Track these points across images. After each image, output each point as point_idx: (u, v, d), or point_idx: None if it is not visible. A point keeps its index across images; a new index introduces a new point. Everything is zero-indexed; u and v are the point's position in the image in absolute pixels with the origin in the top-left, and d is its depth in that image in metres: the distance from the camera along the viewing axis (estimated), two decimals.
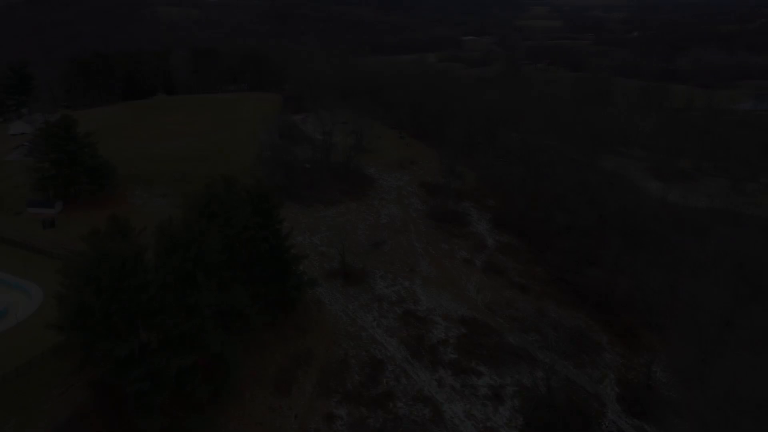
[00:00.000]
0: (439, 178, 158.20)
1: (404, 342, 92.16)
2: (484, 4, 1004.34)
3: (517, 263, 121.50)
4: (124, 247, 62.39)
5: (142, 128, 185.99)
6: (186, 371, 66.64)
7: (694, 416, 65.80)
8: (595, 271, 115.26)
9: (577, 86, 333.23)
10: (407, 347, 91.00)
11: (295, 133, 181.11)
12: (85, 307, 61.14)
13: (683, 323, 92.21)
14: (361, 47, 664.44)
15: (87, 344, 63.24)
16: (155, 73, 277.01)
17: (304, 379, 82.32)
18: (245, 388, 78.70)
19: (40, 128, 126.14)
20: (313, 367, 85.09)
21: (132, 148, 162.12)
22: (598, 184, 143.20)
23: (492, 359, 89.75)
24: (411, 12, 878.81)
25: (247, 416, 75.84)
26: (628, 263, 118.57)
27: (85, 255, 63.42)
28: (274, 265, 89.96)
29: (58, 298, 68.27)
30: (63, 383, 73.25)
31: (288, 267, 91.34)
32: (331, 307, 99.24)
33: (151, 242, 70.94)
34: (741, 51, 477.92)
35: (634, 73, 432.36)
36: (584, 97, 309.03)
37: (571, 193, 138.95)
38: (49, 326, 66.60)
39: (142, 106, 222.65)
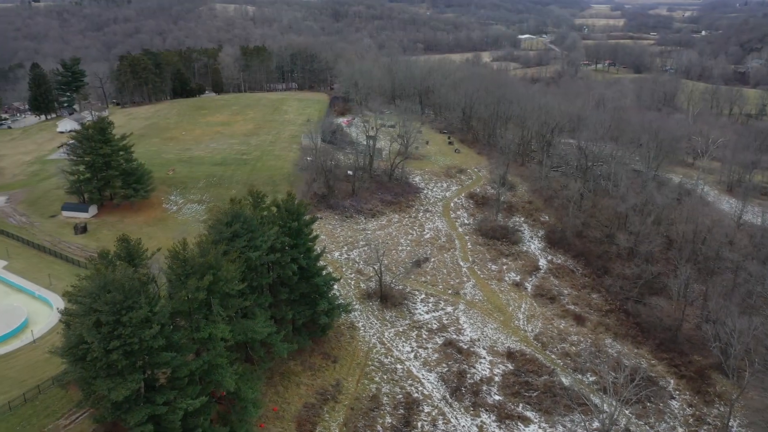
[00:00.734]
0: (489, 189, 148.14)
1: (444, 378, 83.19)
2: (542, 1, 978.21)
3: (572, 289, 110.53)
4: (129, 276, 55.81)
5: (184, 128, 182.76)
6: (196, 413, 59.75)
7: None
8: (660, 302, 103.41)
9: (640, 89, 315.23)
10: (447, 385, 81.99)
11: (339, 136, 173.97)
12: (84, 341, 54.91)
13: (765, 368, 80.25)
14: (415, 45, 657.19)
15: (86, 380, 57.05)
16: (204, 71, 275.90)
17: (330, 418, 74.47)
18: (265, 424, 71.50)
19: (76, 130, 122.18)
20: (341, 403, 77.17)
21: (172, 149, 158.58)
22: (665, 200, 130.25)
23: (541, 404, 79.78)
24: (466, 10, 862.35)
25: None
26: (698, 294, 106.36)
27: (91, 280, 57.16)
28: (303, 288, 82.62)
29: (65, 324, 62.70)
30: (70, 413, 68.01)
31: (319, 290, 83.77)
32: (365, 333, 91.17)
33: (163, 266, 64.48)
34: None
35: (702, 75, 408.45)
36: (648, 102, 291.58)
37: (634, 210, 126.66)
38: (52, 353, 60.89)
39: (188, 104, 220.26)
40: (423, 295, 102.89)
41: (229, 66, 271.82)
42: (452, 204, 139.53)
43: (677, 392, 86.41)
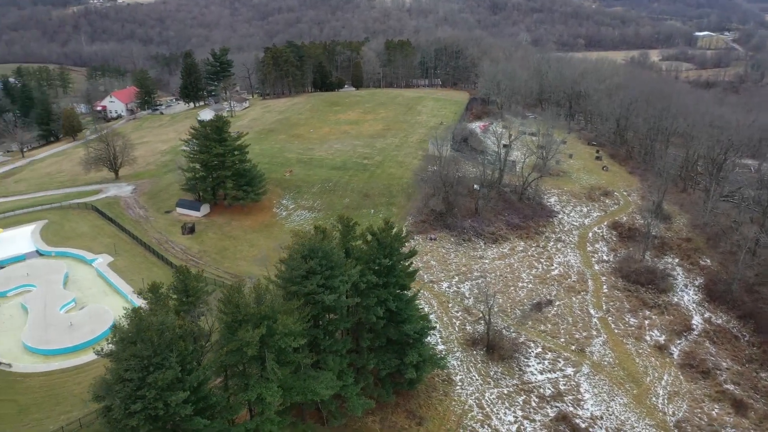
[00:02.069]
0: (638, 218, 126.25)
1: None
2: None
3: (734, 362, 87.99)
4: (165, 325, 47.51)
5: (313, 125, 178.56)
6: None
7: None
8: None
9: None
10: None
11: (471, 143, 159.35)
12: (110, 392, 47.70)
13: None
14: (575, 41, 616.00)
15: None
16: (347, 64, 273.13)
17: None
18: None
19: (194, 127, 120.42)
20: None
21: (295, 148, 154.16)
22: None
23: None
24: (638, 3, 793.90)
25: None
26: None
27: (129, 321, 49.82)
28: (390, 334, 70.91)
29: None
30: None
31: (408, 338, 71.56)
32: (461, 391, 77.53)
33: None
34: None
35: None
36: None
37: None
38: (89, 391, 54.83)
39: (323, 99, 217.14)
40: (539, 349, 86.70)
41: (371, 60, 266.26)
42: (590, 234, 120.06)
43: None
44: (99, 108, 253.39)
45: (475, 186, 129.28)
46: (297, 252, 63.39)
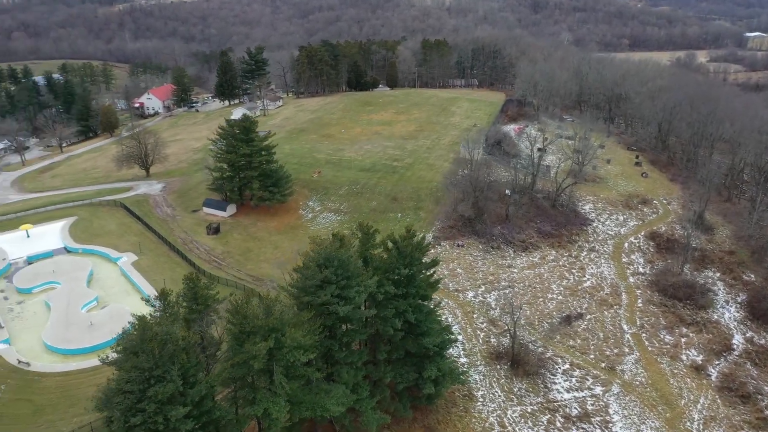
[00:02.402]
0: (677, 228, 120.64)
1: None
2: None
3: None
4: (169, 335, 45.99)
5: (345, 125, 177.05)
6: None
7: None
8: None
9: None
10: None
11: (505, 146, 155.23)
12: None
13: None
14: (619, 41, 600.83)
15: None
16: (382, 63, 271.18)
17: None
18: None
19: (222, 126, 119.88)
20: None
21: (325, 149, 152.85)
22: None
23: None
24: (685, 2, 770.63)
25: None
26: None
27: (135, 329, 48.56)
28: (409, 347, 68.32)
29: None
30: None
31: (428, 352, 68.84)
32: (483, 408, 74.45)
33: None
34: None
35: None
36: None
37: None
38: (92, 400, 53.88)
39: (356, 99, 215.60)
40: (567, 365, 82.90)
41: (407, 60, 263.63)
42: (626, 244, 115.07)
43: None
44: (137, 105, 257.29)
45: (507, 191, 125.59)
46: (312, 260, 61.42)
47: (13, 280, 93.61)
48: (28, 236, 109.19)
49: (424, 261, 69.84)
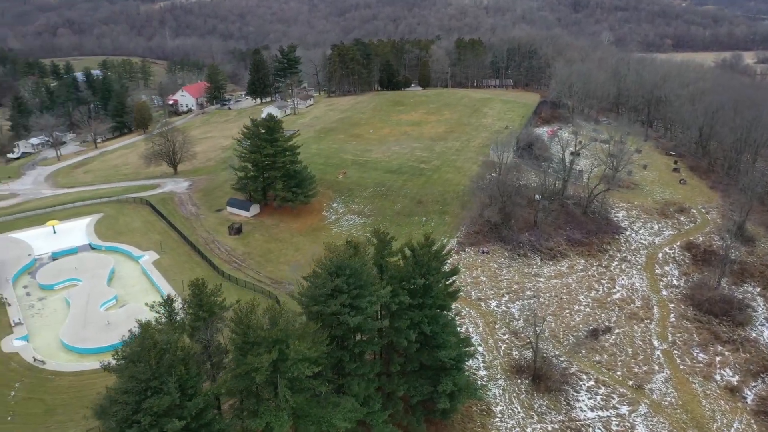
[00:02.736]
0: (716, 239, 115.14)
1: None
2: None
3: None
4: (169, 344, 44.65)
5: (374, 125, 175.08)
6: None
7: None
8: None
9: None
10: None
11: (536, 150, 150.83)
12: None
13: None
14: (662, 41, 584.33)
15: None
16: (415, 63, 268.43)
17: None
18: None
19: (247, 126, 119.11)
20: None
21: (352, 149, 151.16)
22: None
23: None
24: (732, 1, 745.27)
25: None
26: None
27: (137, 337, 47.42)
28: (424, 359, 65.91)
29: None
30: None
31: (443, 365, 66.26)
32: (501, 425, 71.54)
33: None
34: None
35: None
36: None
37: None
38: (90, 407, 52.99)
39: (387, 98, 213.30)
40: (591, 382, 79.28)
41: (440, 59, 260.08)
42: (660, 255, 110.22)
43: None
44: (171, 101, 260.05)
45: (536, 196, 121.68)
46: (324, 268, 59.55)
47: (36, 277, 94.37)
48: (55, 232, 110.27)
49: (443, 270, 67.41)
